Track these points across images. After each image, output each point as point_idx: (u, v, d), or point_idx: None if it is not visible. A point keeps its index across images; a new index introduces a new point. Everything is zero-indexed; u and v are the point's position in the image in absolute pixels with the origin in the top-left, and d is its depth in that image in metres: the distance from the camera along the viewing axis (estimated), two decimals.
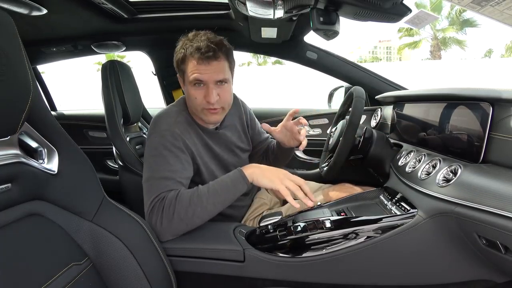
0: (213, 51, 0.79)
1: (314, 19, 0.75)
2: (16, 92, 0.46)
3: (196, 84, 0.83)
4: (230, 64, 0.86)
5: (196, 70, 0.81)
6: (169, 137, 0.82)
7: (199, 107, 0.85)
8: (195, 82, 0.82)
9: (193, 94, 0.84)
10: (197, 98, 0.83)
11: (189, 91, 0.84)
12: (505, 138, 0.59)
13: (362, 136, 1.04)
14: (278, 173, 0.77)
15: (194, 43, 0.80)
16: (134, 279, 0.61)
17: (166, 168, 0.79)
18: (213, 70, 0.81)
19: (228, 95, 0.87)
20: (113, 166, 1.89)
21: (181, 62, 0.84)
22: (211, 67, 0.81)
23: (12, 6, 1.03)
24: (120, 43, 1.58)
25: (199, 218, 0.75)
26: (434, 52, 27.74)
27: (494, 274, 0.65)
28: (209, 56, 0.79)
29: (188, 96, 0.86)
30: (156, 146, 0.82)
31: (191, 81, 0.82)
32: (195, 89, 0.83)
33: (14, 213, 0.51)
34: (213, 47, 0.79)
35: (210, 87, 0.82)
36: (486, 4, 0.45)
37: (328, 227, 0.72)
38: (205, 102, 0.83)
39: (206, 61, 0.80)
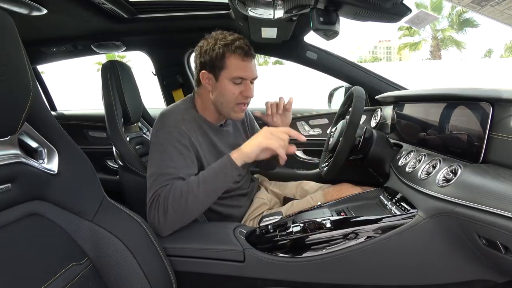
0: (251, 50, 0.85)
1: (314, 19, 0.75)
2: (16, 92, 0.46)
3: (236, 81, 0.86)
4: None
5: (240, 67, 0.84)
6: (175, 134, 0.83)
7: (233, 103, 0.88)
8: (237, 79, 0.85)
9: (231, 89, 0.86)
10: (235, 93, 0.87)
11: (226, 87, 0.86)
12: (505, 138, 0.59)
13: (362, 136, 1.04)
14: (260, 135, 0.79)
15: (235, 42, 0.84)
16: (134, 279, 0.61)
17: (169, 165, 0.79)
18: (253, 67, 0.87)
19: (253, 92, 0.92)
20: (113, 166, 1.89)
21: (220, 58, 0.85)
22: (252, 65, 0.87)
23: (12, 6, 1.03)
24: (120, 43, 1.58)
25: (192, 208, 0.75)
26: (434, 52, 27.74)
27: (494, 274, 0.65)
28: (251, 54, 0.85)
29: (223, 92, 0.87)
30: (162, 142, 0.83)
31: (233, 77, 0.85)
32: (234, 85, 0.86)
33: (14, 213, 0.51)
34: (250, 46, 0.85)
35: (249, 83, 0.88)
36: (486, 4, 0.45)
37: (328, 227, 0.72)
38: (241, 97, 0.87)
39: (248, 59, 0.85)
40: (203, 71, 0.88)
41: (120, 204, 0.67)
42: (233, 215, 0.99)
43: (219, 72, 0.86)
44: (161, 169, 0.79)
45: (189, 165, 0.82)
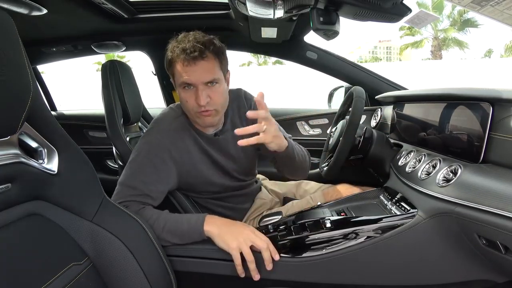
0: (199, 51, 0.76)
1: (314, 19, 0.74)
2: (16, 92, 0.46)
3: (186, 87, 0.80)
4: (220, 63, 0.82)
5: (183, 72, 0.78)
6: (154, 146, 0.83)
7: (191, 111, 0.83)
8: (183, 85, 0.80)
9: (183, 97, 0.82)
10: (188, 101, 0.81)
11: (180, 94, 0.83)
12: (505, 138, 0.59)
13: (362, 136, 1.04)
14: (239, 236, 0.70)
15: (181, 45, 0.77)
16: (134, 279, 0.61)
17: (139, 178, 0.79)
18: (200, 70, 0.78)
19: (220, 96, 0.83)
20: (113, 166, 1.89)
21: (169, 66, 0.82)
22: (198, 68, 0.77)
23: (12, 6, 1.03)
24: (120, 43, 1.58)
25: None
26: (434, 52, 27.75)
27: (494, 274, 0.65)
28: (195, 56, 0.76)
29: (180, 99, 0.84)
30: (139, 151, 0.83)
31: (179, 84, 0.81)
32: (185, 92, 0.81)
33: (14, 213, 0.51)
34: (199, 47, 0.76)
35: (200, 88, 0.79)
36: (486, 4, 0.45)
37: (328, 227, 0.72)
38: (196, 104, 0.80)
39: (192, 62, 0.77)
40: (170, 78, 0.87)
41: None
42: (234, 217, 0.99)
43: (173, 80, 0.84)
44: (129, 180, 0.80)
45: (160, 180, 0.81)
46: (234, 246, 0.69)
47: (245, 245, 0.69)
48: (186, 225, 0.74)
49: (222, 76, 0.83)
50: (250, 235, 0.71)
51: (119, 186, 0.80)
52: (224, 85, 0.85)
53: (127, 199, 0.77)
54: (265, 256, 0.69)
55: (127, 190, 0.79)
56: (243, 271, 0.70)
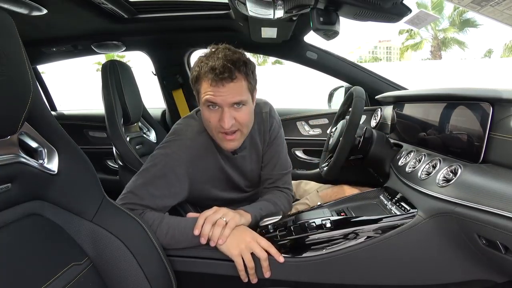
0: (228, 72, 0.72)
1: (314, 19, 0.74)
2: (16, 92, 0.46)
3: (210, 106, 0.76)
4: (249, 84, 0.78)
5: (210, 91, 0.74)
6: (172, 160, 0.79)
7: (214, 131, 0.80)
8: (208, 104, 0.76)
9: (207, 116, 0.78)
10: (211, 121, 0.78)
11: (203, 112, 0.79)
12: (505, 138, 0.59)
13: (362, 136, 1.04)
14: (241, 241, 0.70)
15: (210, 62, 0.73)
16: (134, 279, 0.61)
17: (148, 189, 0.77)
18: (228, 92, 0.73)
19: (246, 117, 0.79)
20: (113, 166, 1.89)
21: (195, 82, 0.78)
22: (226, 89, 0.73)
23: (12, 6, 1.03)
24: (120, 43, 1.58)
25: None
26: (434, 52, 27.75)
27: (494, 274, 0.65)
28: (224, 78, 0.72)
29: (203, 117, 0.80)
30: (155, 162, 0.80)
31: (204, 102, 0.76)
32: (209, 112, 0.77)
33: (14, 213, 0.51)
34: (229, 67, 0.72)
35: (225, 110, 0.75)
36: (486, 4, 0.45)
37: (328, 227, 0.72)
38: (220, 125, 0.77)
39: (220, 83, 0.72)
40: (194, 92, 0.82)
41: None
42: None
43: (198, 95, 0.80)
44: (138, 189, 0.77)
45: (169, 196, 0.79)
46: (236, 253, 0.69)
47: (246, 252, 0.70)
48: (191, 230, 0.72)
49: (250, 98, 0.80)
50: (252, 243, 0.71)
51: (127, 192, 0.78)
52: (251, 106, 0.81)
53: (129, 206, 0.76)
54: (263, 265, 0.70)
55: (133, 197, 0.77)
56: (246, 276, 0.71)
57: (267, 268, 0.70)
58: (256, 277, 0.71)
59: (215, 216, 0.73)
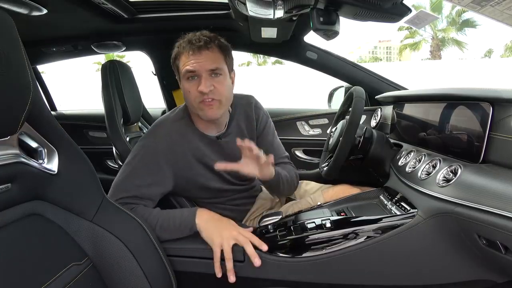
0: (204, 41, 0.79)
1: (314, 19, 0.75)
2: (16, 92, 0.46)
3: (190, 78, 0.81)
4: (225, 58, 0.84)
5: (187, 61, 0.80)
6: (150, 150, 0.83)
7: (195, 102, 0.82)
8: (188, 76, 0.81)
9: (187, 88, 0.82)
10: (190, 91, 0.81)
11: (184, 86, 0.83)
12: (505, 138, 0.59)
13: (362, 136, 1.04)
14: (223, 232, 0.73)
15: (186, 37, 0.81)
16: (134, 279, 0.61)
17: (132, 181, 0.81)
18: (205, 59, 0.79)
19: (224, 88, 0.83)
20: (113, 166, 1.89)
21: (175, 59, 0.84)
22: (203, 57, 0.79)
23: (12, 6, 1.03)
24: (120, 43, 1.58)
25: None
26: (434, 52, 27.74)
27: (494, 274, 0.66)
28: (200, 46, 0.79)
29: (184, 92, 0.85)
30: (135, 154, 0.84)
31: (183, 74, 0.81)
32: (188, 83, 0.82)
33: (14, 213, 0.51)
34: (205, 38, 0.80)
35: (203, 77, 0.80)
36: (486, 4, 0.45)
37: (328, 227, 0.72)
38: (199, 94, 0.80)
39: (197, 51, 0.79)
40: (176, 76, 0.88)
41: None
42: (235, 217, 0.99)
43: (179, 74, 0.85)
44: (123, 182, 0.81)
45: (154, 183, 0.82)
46: (217, 243, 0.72)
47: (226, 243, 0.71)
48: (178, 220, 0.76)
49: (226, 70, 0.85)
50: (233, 232, 0.73)
51: (112, 188, 0.81)
52: (228, 80, 0.86)
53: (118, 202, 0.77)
54: (248, 251, 0.71)
55: (119, 192, 0.80)
56: (220, 270, 0.71)
57: (254, 254, 0.70)
58: (234, 273, 0.71)
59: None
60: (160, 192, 0.84)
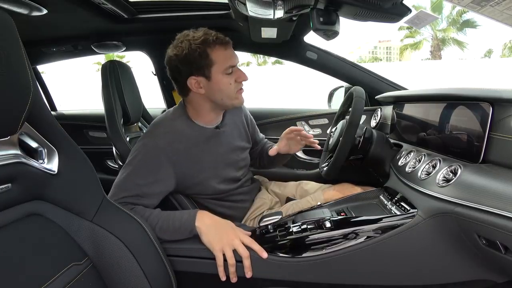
0: (227, 37, 0.85)
1: (314, 19, 0.75)
2: (16, 92, 0.46)
3: (228, 71, 0.85)
4: None
5: (227, 57, 0.84)
6: (151, 148, 0.83)
7: (233, 93, 0.87)
8: (228, 70, 0.85)
9: (227, 81, 0.86)
10: (231, 83, 0.86)
11: (222, 80, 0.85)
12: (505, 138, 0.59)
13: (362, 136, 1.04)
14: (223, 238, 0.73)
15: (207, 36, 0.82)
16: (134, 279, 0.61)
17: (133, 180, 0.81)
18: (235, 53, 0.88)
19: None
20: (113, 166, 1.89)
21: (203, 57, 0.82)
22: (233, 51, 0.88)
23: (12, 6, 1.03)
24: (120, 43, 1.58)
25: None
26: (434, 52, 27.74)
27: (494, 274, 0.66)
28: (228, 41, 0.85)
29: (221, 87, 0.86)
30: (135, 154, 0.84)
31: (225, 69, 0.84)
32: (228, 77, 0.85)
33: (14, 213, 0.51)
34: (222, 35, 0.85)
35: (237, 67, 0.88)
36: (486, 4, 0.45)
37: (328, 227, 0.72)
38: (238, 83, 0.88)
39: (228, 46, 0.86)
40: (191, 77, 0.84)
41: None
42: (234, 216, 0.99)
43: (209, 70, 0.84)
44: (124, 182, 0.81)
45: (155, 182, 0.82)
46: (218, 248, 0.72)
47: (228, 249, 0.72)
48: (178, 222, 0.76)
49: None
50: (234, 240, 0.73)
51: (113, 188, 0.81)
52: None
53: (119, 201, 0.78)
54: (245, 264, 0.71)
55: (120, 192, 0.80)
56: (224, 273, 0.72)
57: (249, 268, 0.71)
58: (236, 276, 0.72)
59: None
60: (161, 190, 0.84)
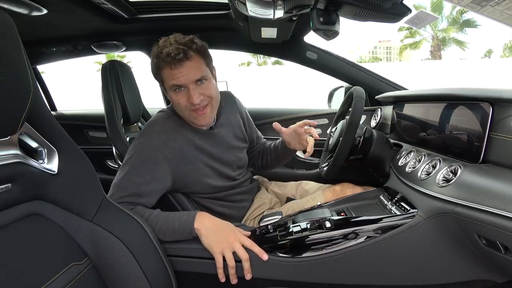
0: (183, 52, 0.78)
1: (314, 19, 0.75)
2: (16, 92, 0.46)
3: (177, 90, 0.83)
4: (206, 60, 0.85)
5: (171, 76, 0.81)
6: (146, 147, 0.83)
7: (186, 111, 0.85)
8: (174, 88, 0.82)
9: (176, 99, 0.84)
10: (180, 102, 0.83)
11: (172, 97, 0.85)
12: (505, 138, 0.59)
13: (362, 136, 1.04)
14: (223, 240, 0.73)
15: (164, 49, 0.79)
16: (134, 279, 0.61)
17: (130, 179, 0.81)
18: (188, 71, 0.80)
19: (211, 91, 0.86)
20: (113, 166, 1.89)
21: (156, 73, 0.85)
22: (186, 69, 0.80)
23: (12, 6, 1.03)
24: (120, 43, 1.58)
25: None
26: (434, 52, 27.72)
27: (494, 274, 0.66)
28: (180, 59, 0.78)
29: (172, 102, 0.87)
30: (131, 153, 0.84)
31: (169, 88, 0.83)
32: (176, 95, 0.83)
33: (14, 213, 0.51)
34: (182, 48, 0.78)
35: (191, 88, 0.81)
36: (486, 4, 0.45)
37: (328, 227, 0.72)
38: (190, 104, 0.83)
39: (179, 64, 0.79)
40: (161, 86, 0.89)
41: None
42: (234, 215, 0.99)
43: (163, 85, 0.86)
44: (121, 181, 0.81)
45: (152, 180, 0.82)
46: (217, 251, 0.72)
47: (228, 251, 0.72)
48: (177, 223, 0.76)
49: (209, 73, 0.86)
50: (234, 243, 0.73)
51: (112, 188, 0.82)
52: (213, 81, 0.88)
53: (118, 201, 0.78)
54: (244, 267, 0.71)
55: (118, 191, 0.80)
56: (224, 276, 0.72)
57: (248, 270, 0.71)
58: (236, 277, 0.72)
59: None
60: (159, 188, 0.84)
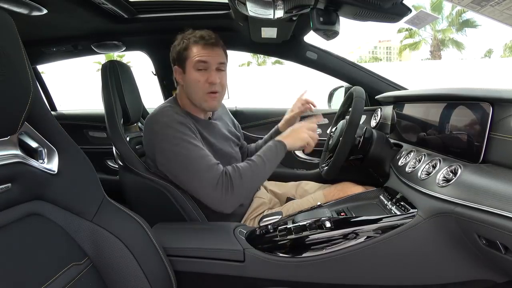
0: (215, 38, 0.90)
1: (314, 19, 0.75)
2: (16, 92, 0.46)
3: (200, 69, 0.89)
4: (226, 57, 0.95)
5: (200, 53, 0.89)
6: (179, 127, 0.86)
7: (201, 92, 0.90)
8: (199, 66, 0.89)
9: (195, 77, 0.89)
10: (200, 81, 0.89)
11: (191, 76, 0.90)
12: (505, 138, 0.59)
13: (362, 136, 1.04)
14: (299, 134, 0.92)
15: (197, 33, 0.89)
16: (134, 279, 0.61)
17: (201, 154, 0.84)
18: (216, 54, 0.90)
19: (226, 82, 0.95)
20: (113, 166, 1.89)
21: (184, 50, 0.90)
22: (214, 52, 0.90)
23: (12, 6, 1.03)
24: (120, 43, 1.58)
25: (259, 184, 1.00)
26: (434, 52, 27.72)
27: (494, 274, 0.66)
28: (213, 42, 0.89)
29: (190, 82, 0.91)
30: (172, 138, 0.84)
31: (194, 64, 0.89)
32: (198, 73, 0.89)
33: (14, 213, 0.51)
34: (214, 36, 0.90)
35: (213, 69, 0.90)
36: (486, 4, 0.45)
37: (328, 227, 0.72)
38: (207, 85, 0.89)
39: (210, 47, 0.89)
40: (175, 66, 0.94)
41: (120, 204, 0.67)
42: (233, 215, 0.99)
43: (185, 63, 0.91)
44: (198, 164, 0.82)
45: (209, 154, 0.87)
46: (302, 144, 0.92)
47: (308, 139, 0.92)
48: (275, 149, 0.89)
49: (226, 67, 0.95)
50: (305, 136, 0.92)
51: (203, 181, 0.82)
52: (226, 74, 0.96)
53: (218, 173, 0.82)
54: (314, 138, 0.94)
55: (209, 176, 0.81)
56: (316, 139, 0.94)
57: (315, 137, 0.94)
58: None
59: None
60: None
